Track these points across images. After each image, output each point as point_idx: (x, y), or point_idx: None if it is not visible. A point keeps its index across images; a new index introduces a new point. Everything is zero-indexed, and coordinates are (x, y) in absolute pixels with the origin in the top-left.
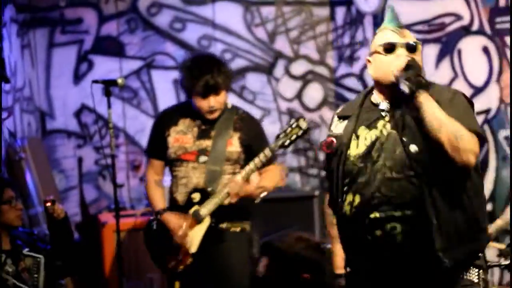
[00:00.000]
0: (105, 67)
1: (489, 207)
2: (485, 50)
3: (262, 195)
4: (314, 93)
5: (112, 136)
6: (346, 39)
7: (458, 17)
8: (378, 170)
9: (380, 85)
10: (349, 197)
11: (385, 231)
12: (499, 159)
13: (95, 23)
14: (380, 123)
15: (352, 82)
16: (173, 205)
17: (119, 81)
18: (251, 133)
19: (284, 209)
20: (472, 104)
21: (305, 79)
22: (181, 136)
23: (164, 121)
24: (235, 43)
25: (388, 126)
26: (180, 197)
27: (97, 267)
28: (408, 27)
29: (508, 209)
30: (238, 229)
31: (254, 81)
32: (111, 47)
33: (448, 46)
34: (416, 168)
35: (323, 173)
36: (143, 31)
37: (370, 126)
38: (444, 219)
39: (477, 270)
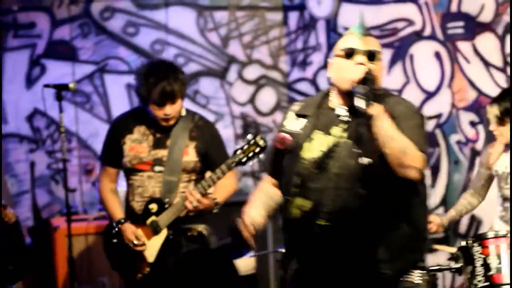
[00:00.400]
0: (58, 71)
1: (440, 211)
2: (437, 55)
3: (217, 206)
4: (267, 97)
5: (64, 141)
6: (299, 44)
7: (410, 22)
8: (330, 179)
9: (337, 89)
10: (299, 201)
11: (332, 239)
12: (451, 164)
13: (48, 27)
14: (336, 130)
15: (305, 87)
16: (130, 213)
17: (71, 85)
18: (208, 140)
19: (236, 213)
20: (423, 118)
21: (258, 83)
22: (136, 145)
23: (119, 128)
24: (188, 47)
25: (345, 134)
26: (137, 205)
27: (49, 272)
28: None
29: (461, 200)
30: (195, 233)
31: (207, 85)
32: (64, 52)
33: (400, 51)
34: (367, 180)
35: None
36: (96, 36)
37: (326, 131)
38: (391, 232)
39: (419, 272)
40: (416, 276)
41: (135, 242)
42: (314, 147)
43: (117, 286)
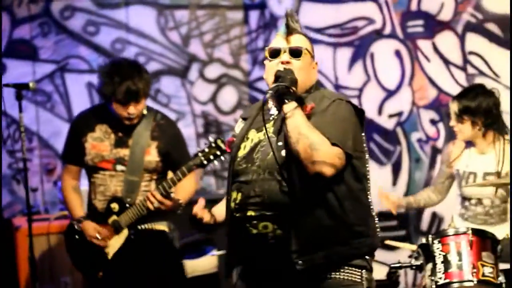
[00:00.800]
0: (18, 70)
1: (402, 209)
2: (397, 53)
3: (181, 207)
4: (229, 96)
5: (24, 140)
6: (260, 43)
7: (371, 21)
8: (255, 171)
9: None
10: (234, 194)
11: (259, 229)
12: (412, 162)
13: (8, 26)
14: (267, 127)
15: (265, 85)
16: (92, 212)
17: (31, 84)
18: (169, 140)
19: None
20: (360, 113)
21: (219, 82)
22: (98, 143)
23: (81, 126)
24: (149, 46)
25: (271, 130)
26: (99, 204)
27: (10, 272)
28: (321, 30)
29: (421, 192)
30: (156, 231)
31: (168, 84)
32: (24, 51)
33: (360, 50)
34: (284, 171)
35: None
36: (56, 35)
37: (259, 129)
38: (305, 222)
39: (359, 270)
40: (357, 275)
41: (98, 237)
42: (247, 145)
43: (79, 286)
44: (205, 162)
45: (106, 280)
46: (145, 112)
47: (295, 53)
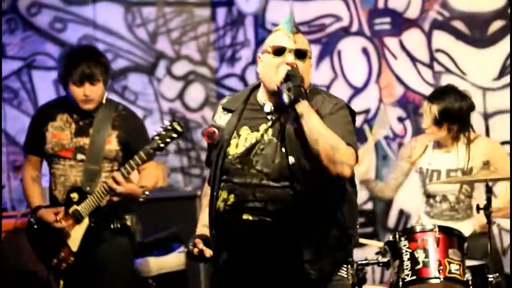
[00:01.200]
0: None
1: (369, 205)
2: (364, 51)
3: (145, 194)
4: (196, 93)
5: None
6: (228, 40)
7: (338, 18)
8: (255, 175)
9: (264, 86)
10: (224, 194)
11: (256, 234)
12: (379, 159)
13: None
14: (263, 127)
15: (233, 83)
16: (53, 203)
17: None
18: (130, 130)
19: (166, 209)
20: (354, 115)
21: (187, 79)
22: (59, 132)
23: (42, 116)
24: (116, 43)
25: (270, 131)
26: (59, 195)
27: None
28: None
29: (378, 182)
30: (118, 225)
31: (135, 81)
32: None
33: (328, 47)
34: (293, 179)
35: (205, 172)
36: (23, 31)
37: (253, 127)
38: (315, 231)
39: (346, 266)
40: (344, 270)
41: (57, 219)
42: (239, 143)
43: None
44: (162, 145)
45: (70, 271)
46: (103, 101)
47: (301, 54)
